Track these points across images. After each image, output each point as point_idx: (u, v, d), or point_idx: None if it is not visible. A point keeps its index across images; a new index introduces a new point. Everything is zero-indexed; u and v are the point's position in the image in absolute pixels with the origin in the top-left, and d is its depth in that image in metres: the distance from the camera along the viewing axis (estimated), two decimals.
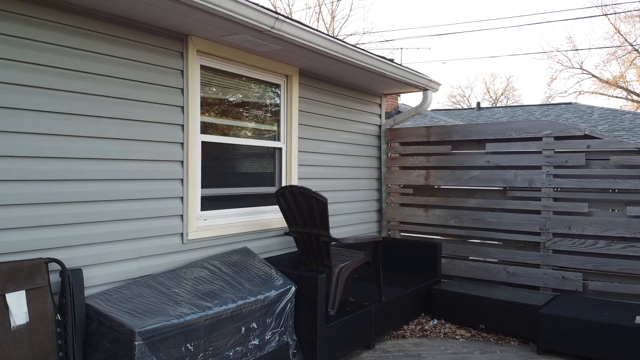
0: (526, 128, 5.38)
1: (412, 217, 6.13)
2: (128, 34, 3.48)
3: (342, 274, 4.18)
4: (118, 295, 3.22)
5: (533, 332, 4.47)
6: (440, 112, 18.33)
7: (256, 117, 4.75)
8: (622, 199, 4.94)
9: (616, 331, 4.00)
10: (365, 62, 4.80)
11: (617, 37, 26.29)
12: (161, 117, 3.71)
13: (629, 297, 4.81)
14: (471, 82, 54.69)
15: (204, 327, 3.13)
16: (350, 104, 5.82)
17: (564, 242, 5.14)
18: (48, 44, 3.05)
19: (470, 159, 5.71)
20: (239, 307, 3.38)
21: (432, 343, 4.58)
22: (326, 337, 3.81)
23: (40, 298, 2.87)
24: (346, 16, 32.39)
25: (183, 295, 3.31)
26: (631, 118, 13.06)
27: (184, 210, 3.88)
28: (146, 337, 2.81)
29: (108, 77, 3.37)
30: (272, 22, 3.66)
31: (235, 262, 3.96)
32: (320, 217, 4.06)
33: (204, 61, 4.09)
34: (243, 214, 4.52)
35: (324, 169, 5.43)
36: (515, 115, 15.55)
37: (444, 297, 5.07)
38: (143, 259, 3.60)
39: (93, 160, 3.30)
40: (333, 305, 4.08)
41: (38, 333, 2.82)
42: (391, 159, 6.32)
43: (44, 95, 3.04)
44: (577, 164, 5.07)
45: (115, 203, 3.44)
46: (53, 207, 3.10)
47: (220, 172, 4.40)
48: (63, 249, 3.13)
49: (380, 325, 4.48)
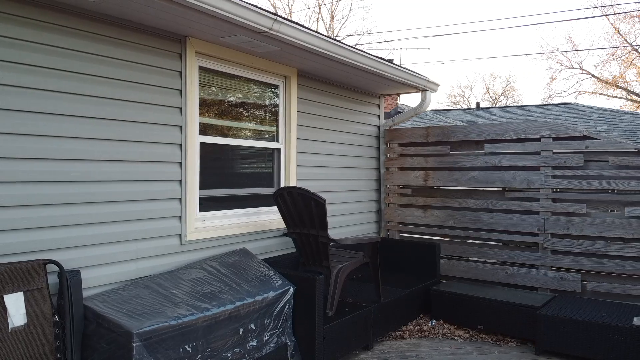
0: (525, 129, 5.38)
1: (411, 218, 6.13)
2: (126, 36, 3.48)
3: (341, 275, 4.19)
4: (116, 296, 3.23)
5: (531, 332, 4.47)
6: (439, 112, 18.34)
7: (255, 118, 4.75)
8: (621, 199, 4.94)
9: (615, 332, 4.00)
10: (364, 63, 4.80)
11: (616, 37, 26.31)
12: (159, 119, 3.71)
13: (627, 298, 4.81)
14: (471, 82, 54.69)
15: (202, 328, 3.14)
16: (349, 104, 5.83)
17: (562, 243, 5.14)
18: (44, 45, 3.05)
19: (468, 160, 5.72)
20: (237, 308, 3.38)
21: (430, 344, 4.58)
22: (325, 338, 3.81)
23: (39, 299, 2.87)
24: (346, 16, 32.42)
25: (181, 297, 3.32)
26: (630, 118, 13.07)
27: (182, 212, 3.88)
28: (144, 339, 2.81)
29: (106, 79, 3.37)
30: (270, 23, 3.66)
31: (233, 263, 3.97)
32: (319, 218, 4.07)
33: (202, 62, 4.09)
34: (242, 215, 4.52)
35: (322, 170, 5.43)
36: (514, 115, 15.55)
37: (442, 297, 5.07)
38: (141, 260, 3.60)
39: (91, 161, 3.30)
40: (332, 306, 4.08)
41: (36, 334, 2.82)
42: (390, 159, 6.32)
43: (41, 97, 3.04)
44: (575, 165, 5.08)
45: (114, 204, 3.44)
46: (51, 208, 3.10)
47: (219, 173, 4.41)
48: (61, 250, 3.14)
49: (378, 326, 4.49)
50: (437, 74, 47.06)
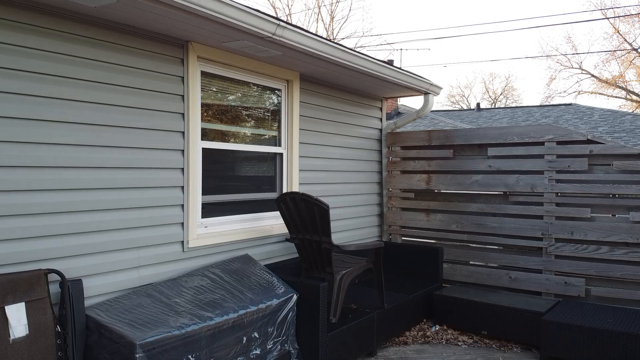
0: (528, 132, 5.35)
1: (414, 222, 6.10)
2: (127, 41, 3.44)
3: (344, 281, 4.16)
4: (118, 305, 3.19)
5: (536, 338, 4.45)
6: (440, 113, 18.33)
7: (257, 122, 4.72)
8: (625, 204, 4.91)
9: (621, 338, 3.97)
10: (367, 66, 4.77)
11: (616, 37, 26.30)
12: (161, 125, 3.67)
13: (631, 303, 4.79)
14: (470, 82, 54.73)
15: (205, 337, 3.10)
16: (351, 108, 5.79)
17: (566, 248, 5.11)
18: (47, 52, 3.01)
19: (471, 164, 5.69)
20: (241, 316, 3.35)
21: (434, 350, 4.55)
22: (328, 345, 3.78)
23: (40, 310, 2.83)
24: (345, 17, 32.30)
25: (184, 305, 3.28)
26: (631, 119, 13.05)
27: (184, 218, 3.85)
28: (147, 349, 2.78)
29: (105, 85, 3.33)
30: (274, 28, 3.62)
31: (236, 270, 3.93)
32: (322, 224, 4.03)
33: (204, 67, 4.06)
34: (244, 221, 4.49)
35: (324, 174, 5.40)
36: (515, 116, 15.54)
37: (445, 302, 5.04)
38: (143, 268, 3.57)
39: (93, 169, 3.27)
40: (335, 313, 4.05)
41: (38, 345, 2.78)
42: (392, 162, 6.29)
43: (44, 104, 3.01)
44: (579, 169, 5.05)
45: (116, 212, 3.40)
46: (52, 217, 3.06)
47: (221, 178, 4.37)
48: (62, 259, 3.10)
49: (382, 332, 4.45)
50: (436, 74, 47.04)
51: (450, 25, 49.07)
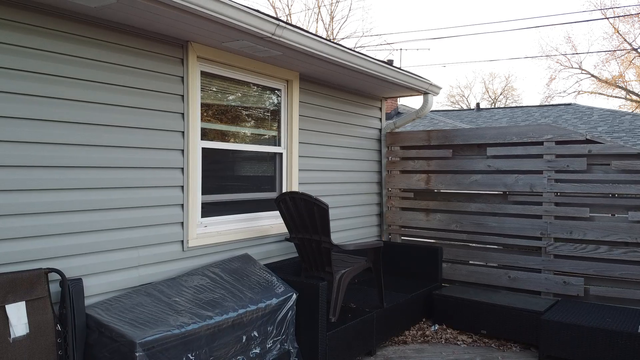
0: (527, 132, 5.36)
1: (413, 221, 6.11)
2: (127, 41, 3.45)
3: (343, 281, 4.16)
4: (118, 304, 3.20)
5: (535, 337, 4.46)
6: (439, 113, 18.34)
7: (256, 122, 4.73)
8: (624, 204, 4.92)
9: (619, 338, 3.98)
10: (366, 66, 4.78)
11: (616, 37, 26.32)
12: (161, 124, 3.68)
13: (630, 303, 4.80)
14: (470, 82, 54.72)
15: (205, 336, 3.11)
16: (350, 108, 5.80)
17: (565, 247, 5.12)
18: (47, 52, 3.02)
19: (471, 163, 5.70)
20: (240, 315, 3.36)
21: (433, 349, 4.56)
22: (327, 344, 3.79)
23: (41, 309, 2.84)
24: (345, 17, 32.25)
25: (184, 304, 3.29)
26: (631, 119, 13.06)
27: (184, 218, 3.86)
28: (147, 348, 2.79)
29: (108, 85, 3.34)
30: (273, 28, 3.63)
31: (236, 270, 3.94)
32: (321, 224, 4.04)
33: (204, 67, 4.07)
34: (243, 220, 4.50)
35: (324, 174, 5.41)
36: (514, 116, 15.55)
37: (445, 302, 5.05)
38: (143, 267, 3.58)
39: (93, 168, 3.28)
40: (334, 312, 4.06)
41: (38, 344, 2.79)
42: (392, 162, 6.30)
43: (44, 104, 3.02)
44: (578, 169, 5.06)
45: (116, 211, 3.41)
46: (52, 216, 3.07)
47: (221, 178, 4.38)
48: (62, 259, 3.11)
49: (381, 332, 4.46)
50: (436, 74, 47.06)
51: (450, 25, 49.07)
